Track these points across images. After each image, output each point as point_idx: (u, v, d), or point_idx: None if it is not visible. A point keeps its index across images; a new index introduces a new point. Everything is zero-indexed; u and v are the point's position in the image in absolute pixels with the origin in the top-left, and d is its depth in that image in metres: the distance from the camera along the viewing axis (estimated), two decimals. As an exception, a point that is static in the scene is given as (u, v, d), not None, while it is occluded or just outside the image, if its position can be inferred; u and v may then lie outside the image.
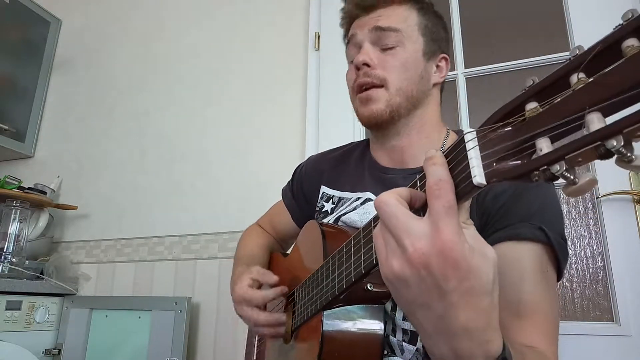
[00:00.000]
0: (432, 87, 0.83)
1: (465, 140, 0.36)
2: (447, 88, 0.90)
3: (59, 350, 1.66)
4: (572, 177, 0.30)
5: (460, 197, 0.36)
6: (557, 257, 0.65)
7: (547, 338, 0.61)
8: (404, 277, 0.37)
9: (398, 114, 0.78)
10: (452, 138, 0.83)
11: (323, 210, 0.92)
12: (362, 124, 0.82)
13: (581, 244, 1.33)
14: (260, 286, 0.81)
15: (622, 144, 0.27)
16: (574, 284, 1.32)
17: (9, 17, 2.07)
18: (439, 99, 0.87)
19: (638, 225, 1.22)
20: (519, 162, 0.33)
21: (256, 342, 0.93)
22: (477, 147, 0.35)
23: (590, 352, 1.19)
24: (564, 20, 1.44)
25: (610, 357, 1.17)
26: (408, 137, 0.82)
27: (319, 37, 1.72)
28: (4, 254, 1.69)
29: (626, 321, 1.18)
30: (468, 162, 0.35)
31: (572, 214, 1.37)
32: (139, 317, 1.60)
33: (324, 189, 0.94)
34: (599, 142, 0.28)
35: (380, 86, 0.77)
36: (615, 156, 0.28)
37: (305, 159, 1.09)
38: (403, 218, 0.37)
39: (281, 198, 1.08)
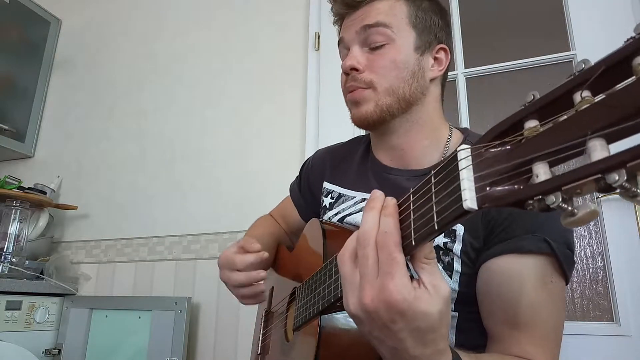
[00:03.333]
0: (430, 82, 0.78)
1: (458, 159, 0.35)
2: (447, 88, 0.88)
3: (59, 350, 1.66)
4: (569, 209, 0.28)
5: (447, 222, 0.35)
6: (562, 266, 0.64)
7: (542, 349, 0.61)
8: (359, 317, 0.42)
9: (389, 114, 0.76)
10: (456, 138, 0.81)
11: (322, 205, 0.91)
12: (355, 125, 0.80)
13: (581, 244, 1.33)
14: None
15: (625, 178, 0.24)
16: (574, 284, 1.32)
17: (9, 17, 2.07)
18: (439, 94, 0.82)
19: (638, 225, 1.22)
20: (513, 188, 0.31)
21: (260, 339, 0.93)
22: (471, 166, 0.34)
23: (590, 352, 1.19)
24: (564, 20, 1.44)
25: (610, 357, 1.17)
26: (407, 136, 0.79)
27: (319, 37, 1.72)
28: (4, 254, 1.69)
29: (626, 321, 1.18)
30: (459, 184, 0.34)
31: (572, 214, 1.37)
32: (139, 317, 1.60)
33: (325, 184, 0.93)
34: (599, 175, 0.25)
35: (368, 88, 0.76)
36: (618, 190, 0.25)
37: (307, 157, 1.09)
38: (372, 261, 0.41)
39: (289, 193, 1.08)
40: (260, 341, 0.93)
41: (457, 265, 0.68)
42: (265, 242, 0.95)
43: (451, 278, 0.69)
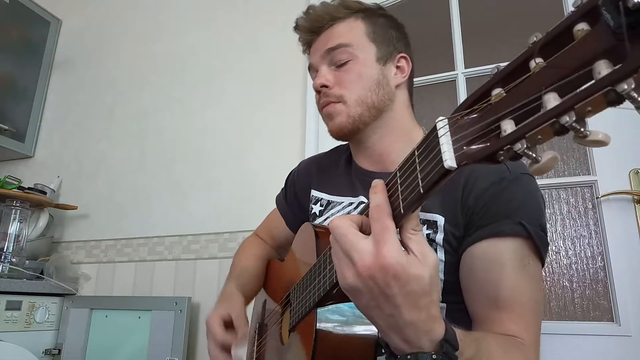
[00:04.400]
0: (395, 89, 0.84)
1: (437, 128, 0.39)
2: (447, 87, 0.89)
3: (59, 350, 1.67)
4: (534, 155, 0.32)
5: (432, 184, 0.39)
6: (538, 248, 0.68)
7: (525, 327, 0.64)
8: (357, 287, 0.44)
9: (362, 122, 0.81)
10: None
11: (312, 212, 0.94)
12: (333, 137, 0.86)
13: (581, 244, 1.33)
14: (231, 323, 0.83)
15: (574, 119, 0.29)
16: (574, 284, 1.32)
17: (9, 17, 2.07)
18: (407, 99, 0.87)
19: (638, 225, 1.22)
20: (487, 144, 0.35)
21: (256, 341, 0.93)
22: (449, 133, 0.38)
23: (590, 352, 1.19)
24: (564, 20, 1.44)
25: (610, 357, 1.17)
26: (381, 142, 0.84)
27: (319, 37, 1.72)
28: (4, 254, 1.69)
29: (626, 321, 1.18)
30: (440, 148, 0.38)
31: (572, 214, 1.37)
32: (139, 317, 1.60)
33: (313, 192, 0.96)
34: (554, 119, 0.30)
35: (339, 102, 0.81)
36: (572, 133, 0.30)
37: (306, 157, 1.10)
38: (351, 237, 0.45)
39: (275, 205, 1.10)
40: (255, 352, 0.92)
41: (441, 255, 0.72)
42: (253, 270, 0.99)
43: None
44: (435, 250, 0.72)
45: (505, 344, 0.61)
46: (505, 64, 0.35)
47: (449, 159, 0.36)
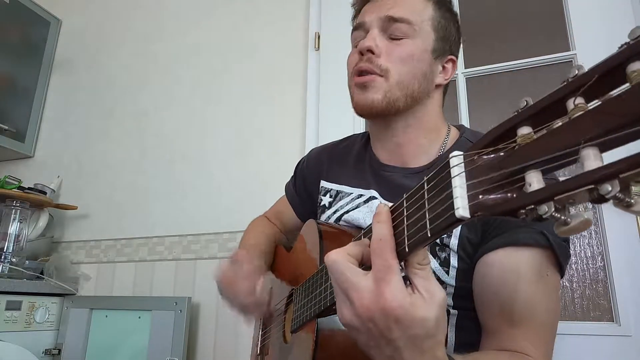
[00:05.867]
0: (435, 88, 0.80)
1: (451, 166, 0.34)
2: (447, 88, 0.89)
3: (59, 350, 1.66)
4: (562, 218, 0.27)
5: (440, 229, 0.35)
6: (559, 259, 0.65)
7: (537, 344, 0.61)
8: (355, 326, 0.42)
9: (395, 107, 0.75)
10: (454, 135, 0.82)
11: (321, 204, 0.91)
12: (356, 112, 0.78)
13: (581, 244, 1.33)
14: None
15: (618, 189, 0.24)
16: (574, 284, 1.32)
17: (9, 17, 2.06)
18: (441, 100, 0.84)
19: (638, 225, 1.22)
20: (506, 196, 0.30)
21: (259, 340, 0.93)
22: (464, 174, 0.33)
23: (590, 352, 1.19)
24: (564, 20, 1.44)
25: (610, 357, 1.17)
26: (406, 134, 0.79)
27: (319, 37, 1.72)
28: (4, 254, 1.69)
29: (626, 321, 1.18)
30: (452, 192, 0.33)
31: (572, 214, 1.37)
32: (139, 317, 1.60)
33: (323, 183, 0.93)
34: (592, 186, 0.24)
35: (380, 75, 0.74)
36: (612, 200, 0.24)
37: (301, 157, 1.09)
38: (349, 275, 0.41)
39: (284, 193, 1.08)
40: (259, 342, 0.93)
41: (454, 261, 0.68)
42: (264, 246, 0.96)
43: (448, 274, 0.69)
44: (449, 256, 0.69)
45: None
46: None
47: (462, 208, 0.32)
